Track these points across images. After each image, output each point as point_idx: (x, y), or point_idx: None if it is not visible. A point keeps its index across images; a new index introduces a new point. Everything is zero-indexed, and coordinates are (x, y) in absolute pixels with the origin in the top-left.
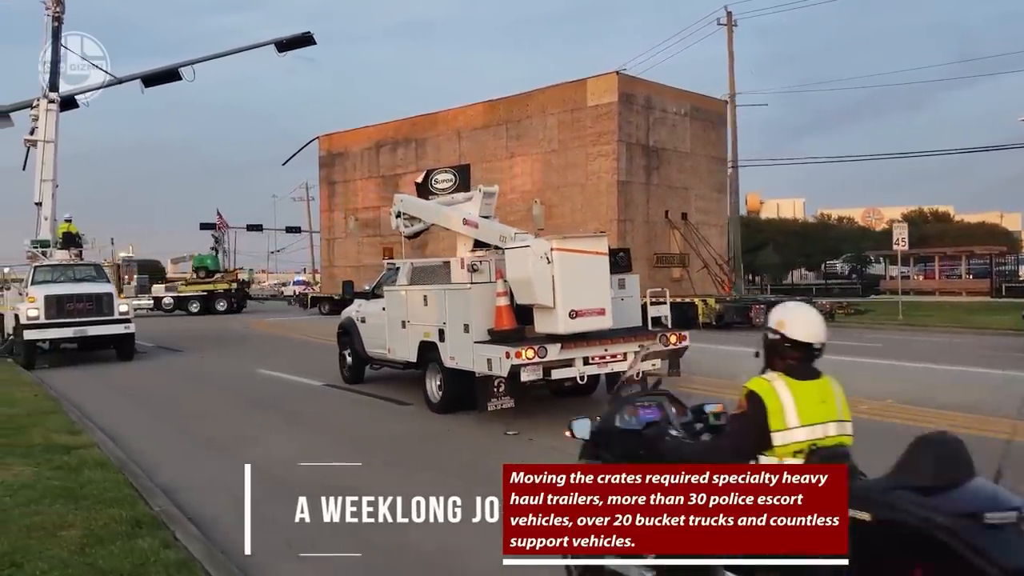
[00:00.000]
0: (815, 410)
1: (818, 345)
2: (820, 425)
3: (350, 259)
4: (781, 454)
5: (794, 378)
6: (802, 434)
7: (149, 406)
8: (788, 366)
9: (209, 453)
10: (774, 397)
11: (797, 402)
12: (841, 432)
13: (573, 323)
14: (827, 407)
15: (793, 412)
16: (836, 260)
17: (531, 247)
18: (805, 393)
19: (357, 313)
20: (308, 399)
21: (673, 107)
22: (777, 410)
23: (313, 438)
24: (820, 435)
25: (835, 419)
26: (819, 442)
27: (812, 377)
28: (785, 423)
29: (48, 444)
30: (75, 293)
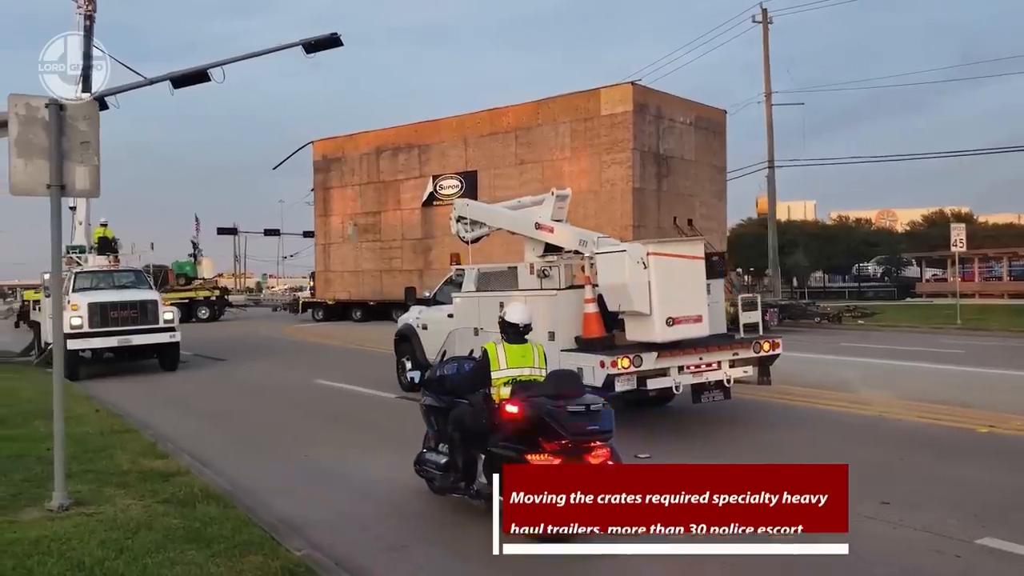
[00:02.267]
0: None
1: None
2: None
3: (348, 264)
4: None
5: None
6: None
7: (219, 423)
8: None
9: (315, 479)
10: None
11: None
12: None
13: (670, 331)
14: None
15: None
16: (868, 262)
17: (627, 251)
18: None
19: (417, 320)
20: (387, 413)
21: (680, 117)
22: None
23: (410, 457)
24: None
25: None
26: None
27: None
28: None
29: (141, 471)
30: (119, 300)
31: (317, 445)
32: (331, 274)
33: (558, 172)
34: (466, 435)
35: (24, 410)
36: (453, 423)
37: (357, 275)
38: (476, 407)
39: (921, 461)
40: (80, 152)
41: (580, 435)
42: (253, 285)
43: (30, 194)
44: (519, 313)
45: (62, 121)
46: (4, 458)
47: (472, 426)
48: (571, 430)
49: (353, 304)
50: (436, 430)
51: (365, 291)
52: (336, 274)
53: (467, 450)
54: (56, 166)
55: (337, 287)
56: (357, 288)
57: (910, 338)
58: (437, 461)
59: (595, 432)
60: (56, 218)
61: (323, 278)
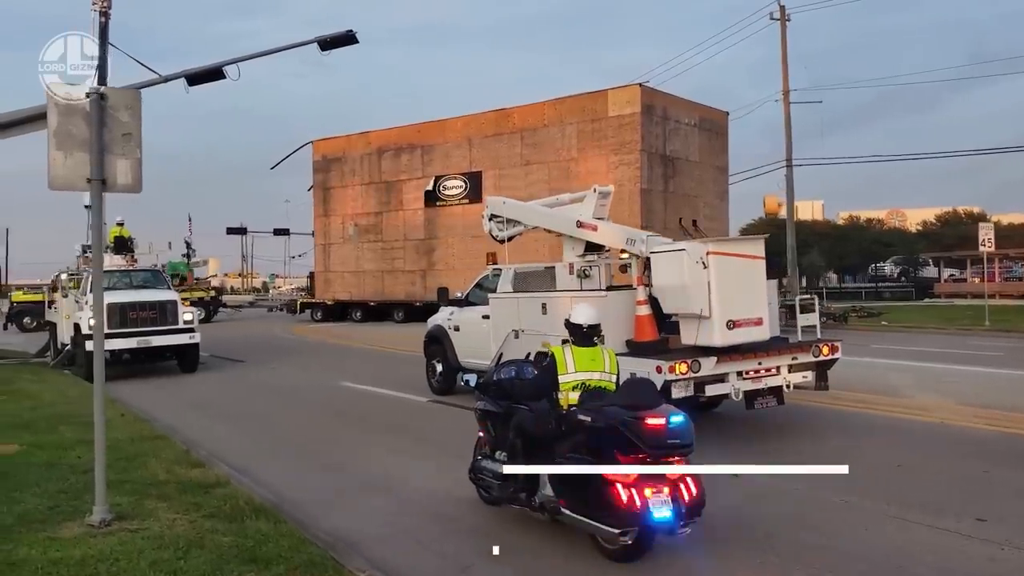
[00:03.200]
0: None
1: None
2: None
3: (348, 265)
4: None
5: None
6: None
7: (249, 427)
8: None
9: (360, 489)
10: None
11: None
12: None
13: (731, 334)
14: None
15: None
16: (884, 262)
17: (687, 250)
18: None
19: (448, 321)
20: (422, 417)
21: (685, 118)
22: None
23: (457, 467)
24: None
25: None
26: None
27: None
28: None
29: (179, 481)
30: (138, 301)
31: (355, 451)
32: (331, 274)
33: (565, 173)
34: (528, 443)
35: (47, 414)
36: (514, 430)
37: (358, 275)
38: (540, 413)
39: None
40: (122, 144)
41: (660, 449)
42: (259, 285)
43: (69, 188)
44: (586, 314)
45: (103, 111)
46: (36, 466)
47: (536, 434)
48: (650, 444)
49: (353, 305)
50: (494, 437)
51: (366, 291)
52: (336, 274)
53: (529, 459)
54: (97, 159)
55: (337, 287)
56: (358, 288)
57: (939, 340)
58: (495, 470)
59: (676, 447)
60: (97, 216)
61: (323, 278)
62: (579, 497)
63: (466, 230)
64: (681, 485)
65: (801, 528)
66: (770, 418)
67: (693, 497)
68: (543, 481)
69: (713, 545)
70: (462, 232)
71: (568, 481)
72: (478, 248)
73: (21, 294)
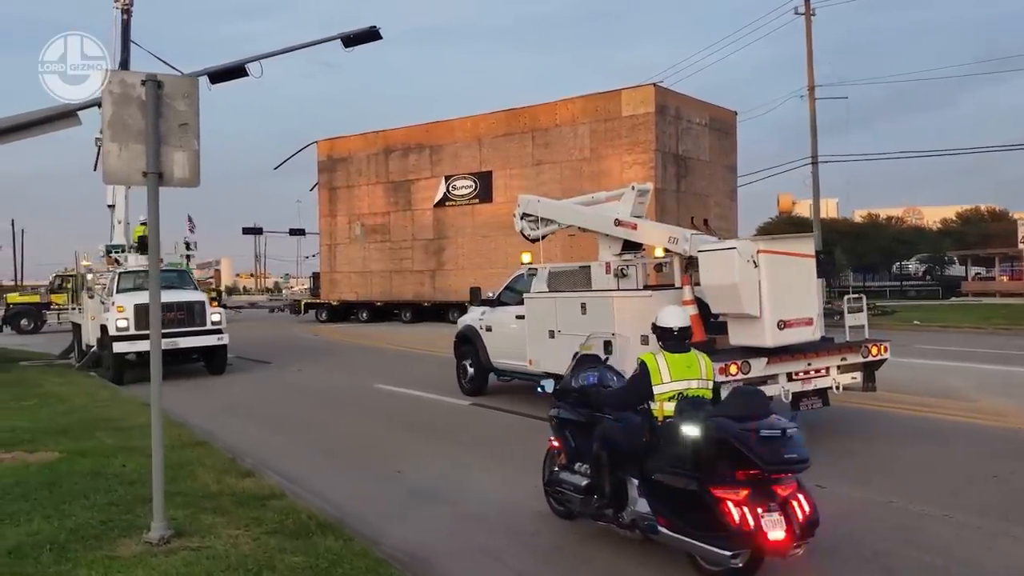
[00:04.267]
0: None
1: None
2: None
3: (355, 265)
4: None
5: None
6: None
7: (290, 432)
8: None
9: (421, 500)
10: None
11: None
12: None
13: (781, 335)
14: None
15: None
16: (908, 261)
17: (737, 249)
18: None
19: (480, 321)
20: (464, 421)
21: (696, 118)
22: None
23: (518, 477)
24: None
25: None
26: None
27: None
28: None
29: (232, 493)
30: (166, 301)
31: (405, 457)
32: (337, 275)
33: (577, 173)
34: (617, 456)
35: (82, 419)
36: (601, 441)
37: (365, 276)
38: (630, 424)
39: None
40: (179, 135)
41: (776, 464)
42: (271, 285)
43: (125, 182)
44: (676, 316)
45: (159, 100)
46: (80, 476)
47: (627, 446)
48: (765, 458)
49: (359, 305)
50: (573, 447)
51: (374, 292)
52: (343, 275)
53: (616, 472)
54: (153, 151)
55: (343, 288)
56: (365, 289)
57: (981, 340)
58: (576, 483)
59: (793, 461)
60: (154, 213)
61: (328, 279)
62: (681, 515)
63: (476, 230)
64: (793, 502)
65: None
66: (815, 420)
67: (806, 515)
68: (633, 497)
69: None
70: (472, 232)
71: (668, 498)
72: (489, 248)
73: (17, 295)
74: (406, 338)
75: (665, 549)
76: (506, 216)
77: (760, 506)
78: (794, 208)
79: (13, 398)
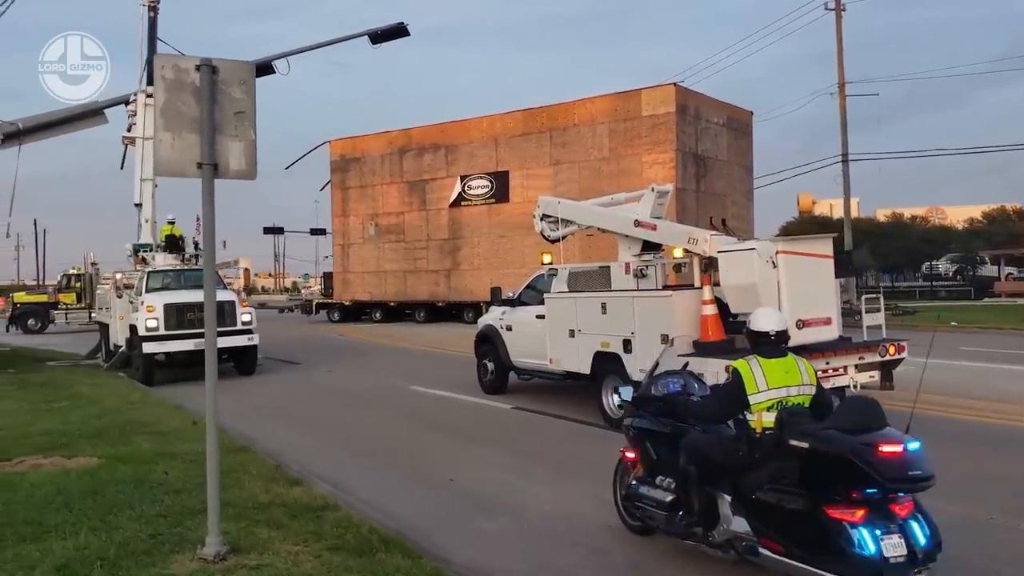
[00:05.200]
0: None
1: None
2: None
3: (369, 265)
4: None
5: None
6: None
7: (332, 437)
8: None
9: (480, 512)
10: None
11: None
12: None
13: (800, 334)
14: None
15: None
16: (938, 261)
17: (757, 250)
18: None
19: (500, 321)
20: (510, 426)
21: (714, 117)
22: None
23: (576, 486)
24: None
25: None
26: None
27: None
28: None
29: (284, 504)
30: (196, 301)
31: (456, 465)
32: (350, 275)
33: (595, 172)
34: (707, 470)
35: (117, 422)
36: (689, 454)
37: (379, 276)
38: (721, 436)
39: None
40: (235, 124)
41: (900, 482)
42: (289, 285)
43: (178, 174)
44: (772, 319)
45: (214, 87)
46: (123, 484)
47: (720, 460)
48: (887, 475)
49: (372, 305)
50: (655, 459)
51: (388, 292)
52: (356, 275)
53: (705, 488)
54: (208, 141)
55: (357, 288)
56: (379, 289)
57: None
58: (660, 499)
59: (917, 479)
60: (208, 207)
61: (341, 279)
62: (788, 536)
63: (492, 230)
64: (913, 523)
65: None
66: None
67: (928, 537)
68: (725, 514)
69: None
70: (488, 232)
71: (772, 517)
72: (505, 248)
73: (24, 295)
74: (431, 338)
75: (759, 569)
76: (523, 216)
77: (879, 527)
78: (814, 208)
79: (44, 400)
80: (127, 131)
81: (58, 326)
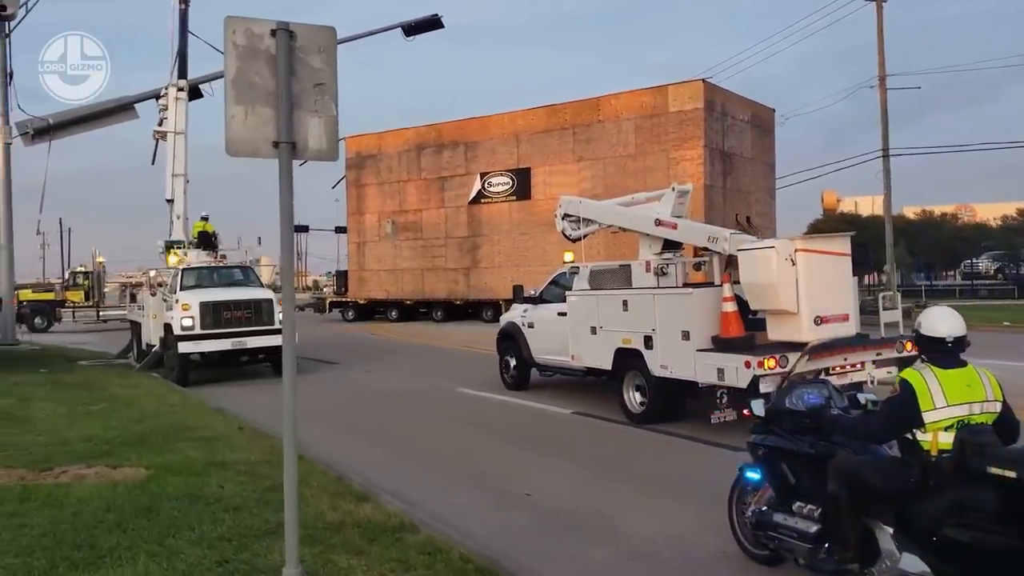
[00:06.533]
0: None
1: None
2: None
3: (385, 263)
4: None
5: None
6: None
7: (384, 443)
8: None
9: (571, 535)
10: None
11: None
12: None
13: (818, 330)
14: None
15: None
16: (978, 258)
17: (776, 248)
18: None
19: (523, 318)
20: (579, 434)
21: (740, 114)
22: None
23: (666, 503)
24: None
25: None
26: None
27: None
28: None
29: (356, 523)
30: (233, 300)
31: (529, 478)
32: (366, 273)
33: (621, 169)
34: (863, 497)
35: (158, 427)
36: (842, 478)
37: (395, 274)
38: (879, 458)
39: None
40: (314, 98)
41: None
42: (311, 283)
43: (251, 154)
44: (947, 322)
45: (291, 55)
46: (177, 500)
47: (883, 487)
48: None
49: (388, 303)
50: (792, 483)
51: (405, 290)
52: (372, 273)
53: (859, 518)
54: (285, 117)
55: (372, 286)
56: (396, 287)
57: None
58: (803, 529)
59: None
60: (287, 192)
61: (356, 277)
62: None
63: (513, 227)
64: None
65: None
66: None
67: None
68: (888, 549)
69: None
70: (509, 229)
71: (967, 559)
72: (526, 245)
73: (30, 293)
74: (464, 337)
75: None
76: (545, 213)
77: None
78: (839, 205)
79: (80, 402)
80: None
81: (64, 324)
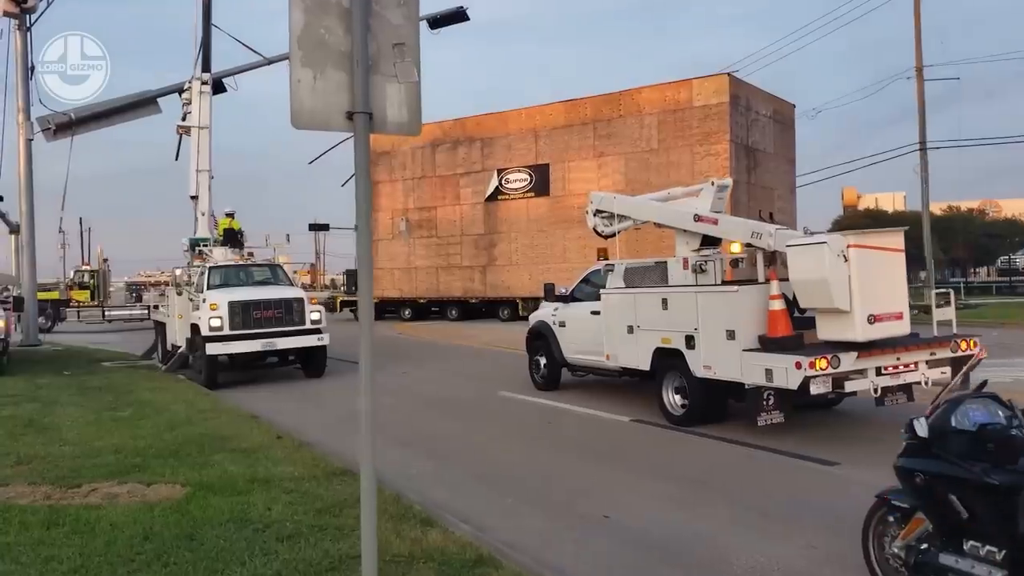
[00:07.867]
0: None
1: None
2: None
3: (399, 261)
4: None
5: None
6: None
7: (434, 454)
8: None
9: (664, 565)
10: None
11: None
12: None
13: (872, 329)
14: None
15: None
16: (1017, 254)
17: (828, 244)
18: None
19: (553, 317)
20: (642, 444)
21: (762, 109)
22: None
23: (762, 525)
24: None
25: None
26: None
27: None
28: None
29: (426, 554)
30: (263, 299)
31: (601, 496)
32: (379, 271)
33: (643, 164)
34: None
35: (190, 436)
36: None
37: (409, 272)
38: None
39: None
40: (393, 60)
41: None
42: (328, 282)
43: (322, 127)
44: None
45: (367, 8)
46: (221, 526)
47: None
48: None
49: (400, 302)
50: (964, 518)
51: (419, 288)
52: (385, 271)
53: None
54: (362, 82)
55: (385, 284)
56: (410, 285)
57: None
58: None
59: None
60: (364, 176)
61: None
62: None
63: (531, 224)
64: None
65: None
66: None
67: None
68: None
69: None
70: (527, 226)
71: None
72: (545, 243)
73: (41, 293)
74: (493, 337)
75: None
76: (564, 210)
77: None
78: (859, 202)
79: (107, 407)
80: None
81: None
